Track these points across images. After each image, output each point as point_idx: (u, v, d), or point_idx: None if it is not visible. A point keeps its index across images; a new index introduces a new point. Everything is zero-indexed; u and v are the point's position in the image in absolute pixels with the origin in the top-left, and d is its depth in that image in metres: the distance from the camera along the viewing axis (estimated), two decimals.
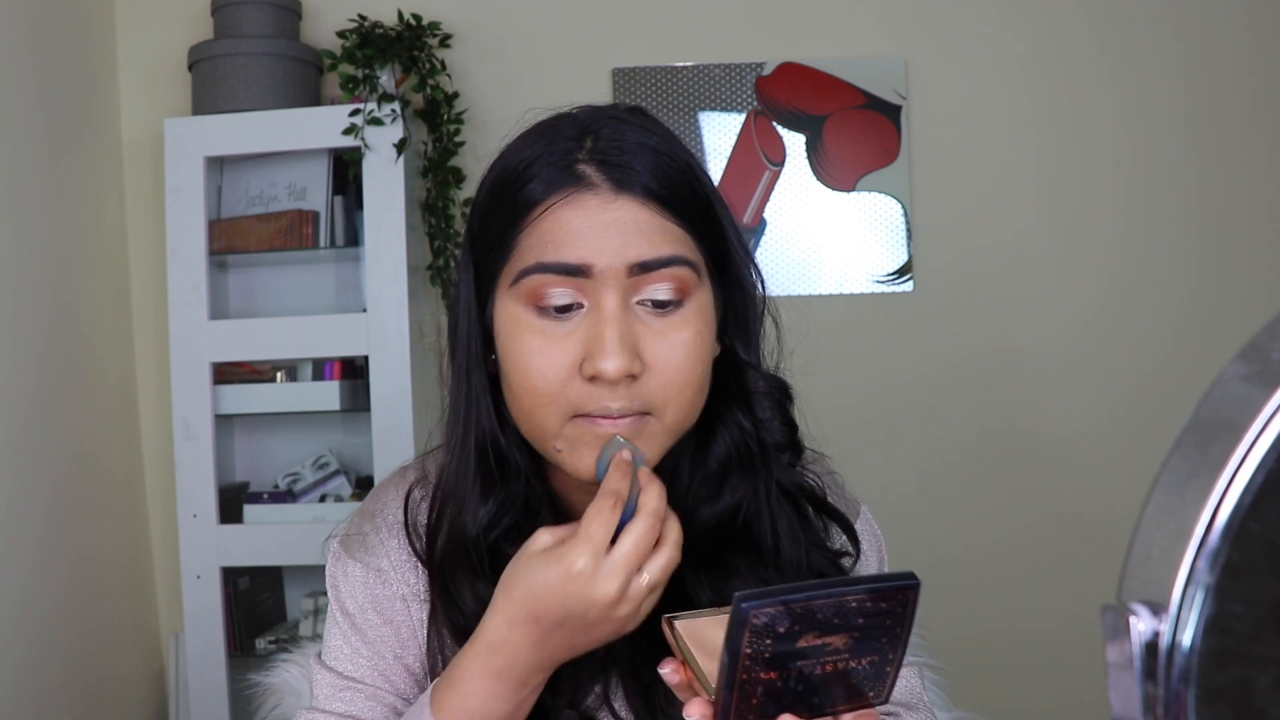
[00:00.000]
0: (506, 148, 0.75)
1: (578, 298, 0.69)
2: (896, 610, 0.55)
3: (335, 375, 2.21)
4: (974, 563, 2.29)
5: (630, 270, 0.68)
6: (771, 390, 0.78)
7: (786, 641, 0.53)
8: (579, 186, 0.70)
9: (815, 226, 2.34)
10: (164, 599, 2.37)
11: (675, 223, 0.70)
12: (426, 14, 2.19)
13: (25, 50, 1.98)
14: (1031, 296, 2.35)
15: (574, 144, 0.71)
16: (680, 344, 0.70)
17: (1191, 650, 0.29)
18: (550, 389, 0.69)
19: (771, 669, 0.54)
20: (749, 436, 0.76)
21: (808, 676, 0.55)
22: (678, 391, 0.70)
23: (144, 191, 2.34)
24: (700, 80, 2.35)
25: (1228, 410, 0.30)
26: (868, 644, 0.56)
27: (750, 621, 0.52)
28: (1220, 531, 0.29)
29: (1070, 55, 2.34)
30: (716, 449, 0.77)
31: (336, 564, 0.82)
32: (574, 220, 0.69)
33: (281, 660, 1.16)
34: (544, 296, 0.69)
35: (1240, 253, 2.31)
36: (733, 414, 0.77)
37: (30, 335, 1.96)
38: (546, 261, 0.69)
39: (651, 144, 0.72)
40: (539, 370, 0.70)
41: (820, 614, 0.53)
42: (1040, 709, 2.18)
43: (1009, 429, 2.35)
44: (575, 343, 0.69)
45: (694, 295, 0.71)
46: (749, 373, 0.77)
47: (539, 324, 0.70)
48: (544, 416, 0.70)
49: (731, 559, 0.76)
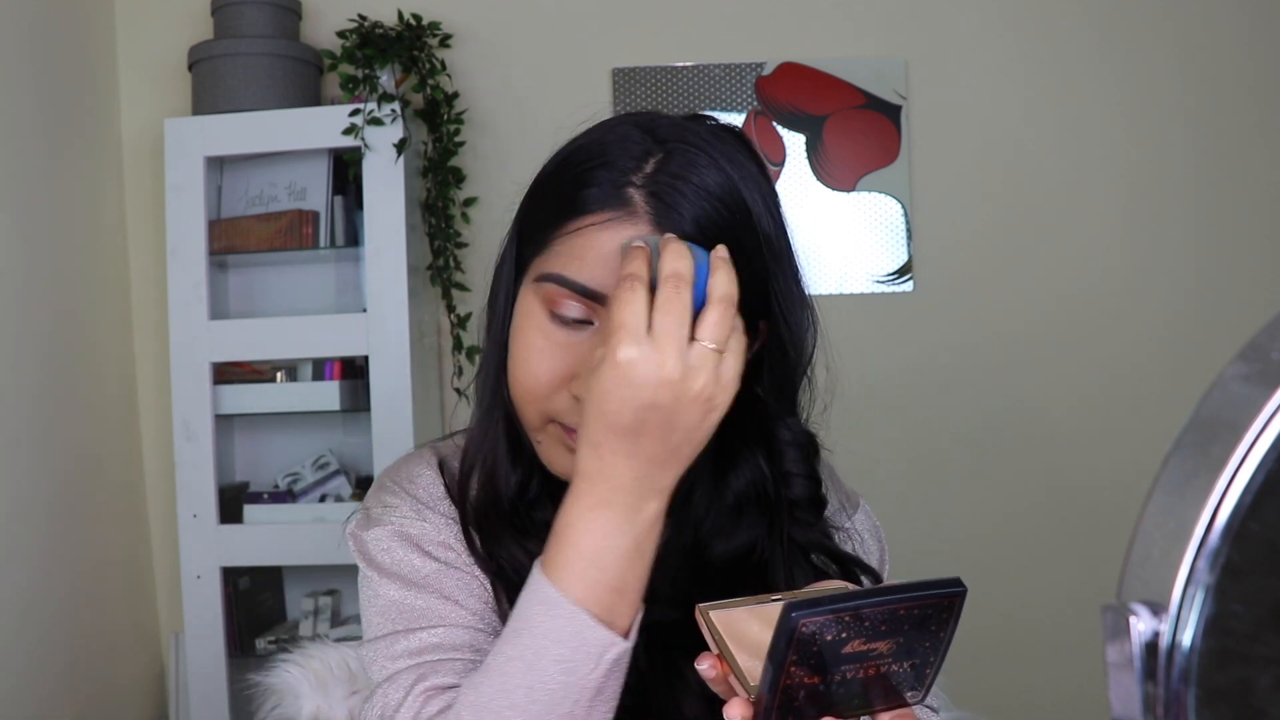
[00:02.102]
0: (588, 130, 0.75)
1: (591, 316, 0.70)
2: (942, 616, 0.56)
3: (335, 375, 2.21)
4: (973, 561, 2.29)
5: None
6: (799, 441, 0.77)
7: (833, 648, 0.54)
8: (622, 213, 0.69)
9: (815, 226, 2.34)
10: (164, 599, 2.37)
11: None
12: (426, 14, 2.19)
13: (25, 50, 1.98)
14: (1031, 296, 2.35)
15: (636, 163, 0.70)
16: None
17: (1191, 650, 0.29)
18: (537, 390, 0.72)
19: (815, 674, 0.54)
20: (767, 483, 0.77)
21: (850, 680, 0.56)
22: None
23: (144, 191, 2.34)
24: (700, 80, 2.35)
25: (1228, 410, 0.30)
26: (911, 648, 0.56)
27: (799, 630, 0.52)
28: (1220, 531, 0.29)
29: (1070, 55, 2.34)
30: (735, 482, 0.77)
31: (361, 541, 0.78)
32: (605, 246, 0.69)
33: (282, 660, 1.15)
34: (559, 305, 0.71)
35: (1240, 252, 2.32)
36: (754, 455, 0.77)
37: (30, 335, 1.96)
38: (568, 278, 0.70)
39: (711, 185, 0.70)
40: (532, 371, 0.72)
41: (868, 621, 0.54)
42: (1040, 708, 2.18)
43: (1009, 428, 2.35)
44: (574, 357, 0.70)
45: None
46: (777, 425, 0.76)
47: (547, 327, 0.71)
48: (526, 411, 0.73)
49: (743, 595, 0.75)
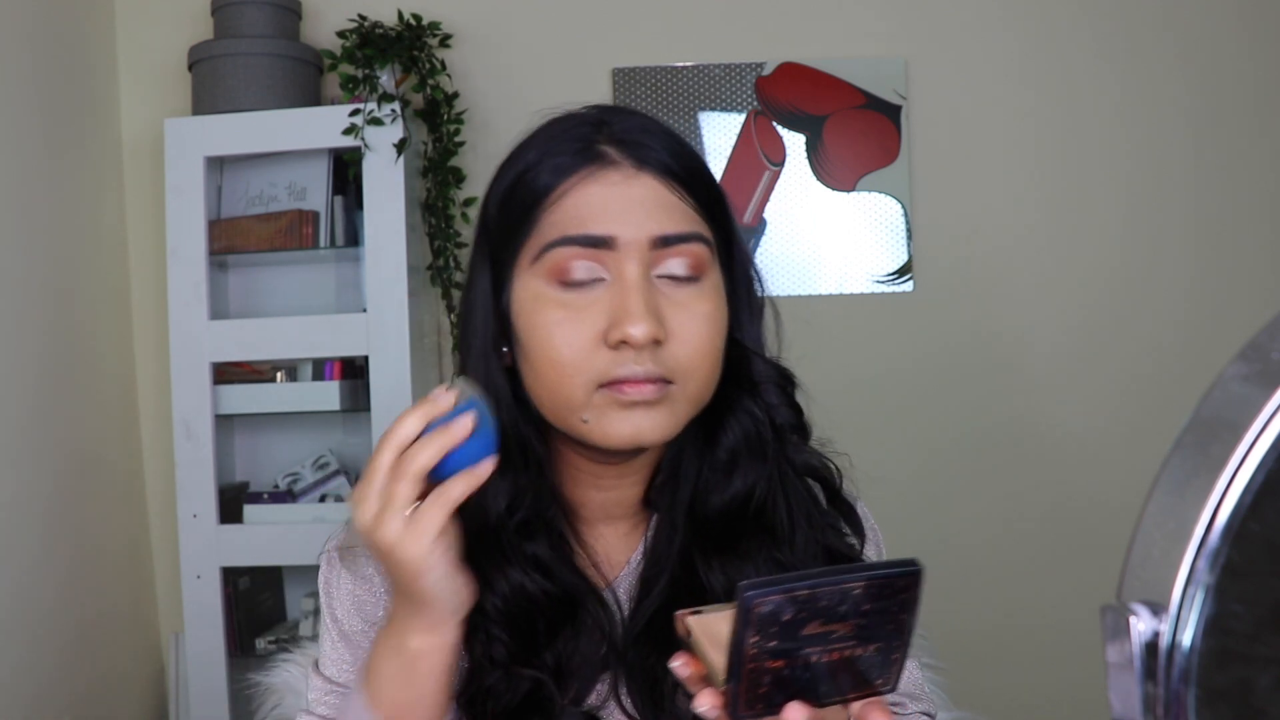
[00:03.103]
0: (521, 141, 0.78)
1: (600, 272, 0.71)
2: (900, 597, 0.56)
3: (335, 375, 2.21)
4: (974, 561, 2.29)
5: (653, 243, 0.71)
6: (776, 377, 0.79)
7: (791, 630, 0.54)
8: (602, 163, 0.72)
9: (815, 226, 2.34)
10: (164, 599, 2.37)
11: (691, 203, 0.73)
12: (426, 14, 2.19)
13: (25, 50, 1.98)
14: (1031, 296, 2.35)
15: (592, 129, 0.74)
16: (701, 315, 0.72)
17: (1191, 650, 0.29)
18: (576, 358, 0.70)
19: (778, 657, 0.55)
20: (760, 423, 0.77)
21: (814, 665, 0.56)
22: (700, 360, 0.72)
23: (144, 191, 2.34)
24: (700, 80, 2.35)
25: (1228, 410, 0.30)
26: (873, 631, 0.56)
27: (754, 610, 0.53)
28: (1220, 531, 0.29)
29: (1070, 55, 2.34)
30: (727, 438, 0.77)
31: (330, 570, 0.83)
32: (598, 195, 0.71)
33: (281, 660, 1.16)
34: (567, 270, 0.71)
35: (1240, 252, 2.31)
36: (742, 402, 0.77)
37: (30, 335, 1.96)
38: (571, 234, 0.71)
39: (664, 130, 0.75)
40: (564, 340, 0.71)
41: (824, 601, 0.54)
42: (1040, 708, 2.18)
43: (1009, 428, 2.35)
44: (599, 313, 0.70)
45: (709, 273, 0.73)
46: (755, 361, 0.78)
47: (562, 297, 0.71)
48: (571, 388, 0.71)
49: (744, 544, 0.76)
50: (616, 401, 0.70)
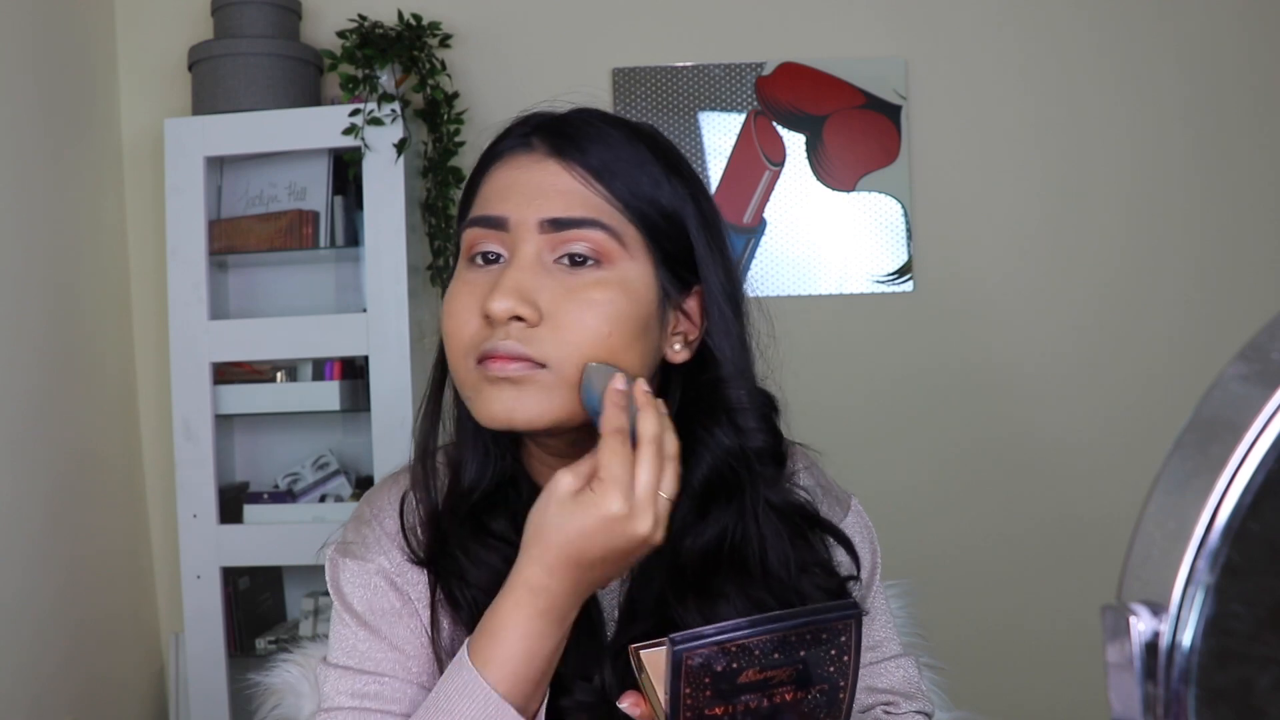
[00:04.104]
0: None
1: (501, 250, 0.74)
2: (840, 639, 0.55)
3: (335, 375, 2.21)
4: (974, 562, 2.29)
5: (541, 226, 0.72)
6: (756, 404, 0.78)
7: (727, 679, 0.53)
8: (521, 150, 0.75)
9: (815, 226, 2.34)
10: (164, 599, 2.37)
11: (606, 196, 0.73)
12: (426, 14, 2.19)
13: (25, 50, 1.98)
14: (1031, 296, 2.35)
15: (537, 123, 0.77)
16: (587, 301, 0.71)
17: (1191, 650, 0.29)
18: (458, 330, 0.73)
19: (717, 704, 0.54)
20: (732, 456, 0.76)
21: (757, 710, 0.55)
22: (579, 347, 0.71)
23: (144, 191, 2.34)
24: (700, 80, 2.35)
25: (1228, 410, 0.30)
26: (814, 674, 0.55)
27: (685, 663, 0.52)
28: (1220, 531, 0.29)
29: (1070, 55, 2.34)
30: (698, 470, 0.75)
31: (335, 568, 0.82)
32: (505, 178, 0.75)
33: (281, 660, 1.16)
34: (472, 248, 0.75)
35: (1240, 253, 2.31)
36: (713, 433, 0.76)
37: (30, 335, 1.95)
38: (475, 215, 0.75)
39: (614, 136, 0.75)
40: (453, 313, 0.74)
41: (758, 650, 0.53)
42: (1040, 709, 2.18)
43: (1009, 428, 2.35)
44: (485, 288, 0.72)
45: (615, 264, 0.73)
46: (729, 387, 0.76)
47: (466, 274, 0.75)
48: (459, 366, 0.74)
49: (718, 583, 0.75)
50: (485, 377, 0.71)
